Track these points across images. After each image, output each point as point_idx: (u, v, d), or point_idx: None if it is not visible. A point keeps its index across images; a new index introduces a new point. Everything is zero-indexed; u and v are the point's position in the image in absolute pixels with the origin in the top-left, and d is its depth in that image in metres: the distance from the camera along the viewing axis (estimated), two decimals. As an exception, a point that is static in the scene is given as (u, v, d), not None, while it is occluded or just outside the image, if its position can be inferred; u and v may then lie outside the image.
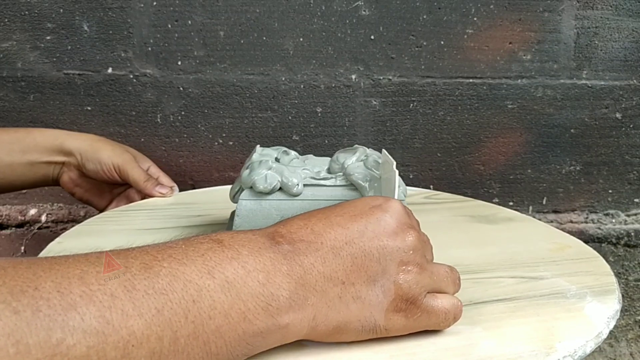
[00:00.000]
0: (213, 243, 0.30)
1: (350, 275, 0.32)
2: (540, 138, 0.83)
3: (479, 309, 0.40)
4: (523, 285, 0.44)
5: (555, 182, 0.85)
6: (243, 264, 0.29)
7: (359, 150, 0.50)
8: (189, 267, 0.28)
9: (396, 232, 0.34)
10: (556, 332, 0.36)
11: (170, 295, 0.27)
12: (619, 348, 0.89)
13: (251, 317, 0.29)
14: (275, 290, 0.29)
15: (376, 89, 0.81)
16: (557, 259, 0.50)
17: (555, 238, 0.55)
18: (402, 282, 0.33)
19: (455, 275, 0.37)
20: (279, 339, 0.30)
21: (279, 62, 0.79)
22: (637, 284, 0.88)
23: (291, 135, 0.82)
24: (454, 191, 0.82)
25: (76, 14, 0.77)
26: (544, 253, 0.51)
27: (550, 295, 0.42)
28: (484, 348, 0.34)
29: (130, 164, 0.68)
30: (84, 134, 0.70)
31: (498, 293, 0.42)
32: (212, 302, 0.28)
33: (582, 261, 0.49)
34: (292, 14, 0.78)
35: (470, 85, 0.81)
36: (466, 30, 0.79)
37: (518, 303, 0.40)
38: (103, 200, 0.73)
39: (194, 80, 0.80)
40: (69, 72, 0.79)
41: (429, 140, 0.83)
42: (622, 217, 0.87)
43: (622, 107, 0.83)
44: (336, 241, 0.32)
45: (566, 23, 0.80)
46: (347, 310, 0.32)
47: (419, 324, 0.34)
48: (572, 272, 0.47)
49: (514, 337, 0.36)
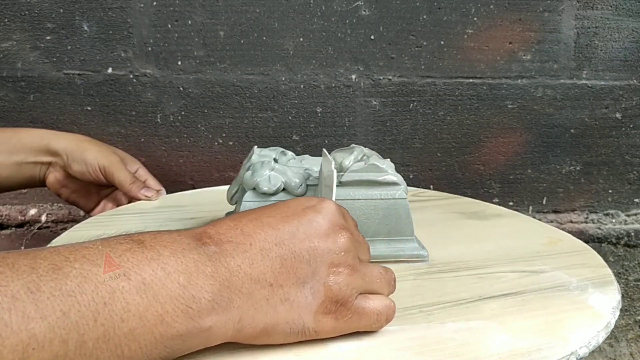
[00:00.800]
0: (133, 243, 0.29)
1: (278, 277, 0.31)
2: (540, 138, 0.83)
3: (489, 303, 0.40)
4: (525, 279, 0.45)
5: (555, 182, 0.85)
6: (163, 265, 0.29)
7: (356, 150, 0.51)
8: (102, 268, 0.27)
9: (328, 233, 0.33)
10: (567, 324, 0.37)
11: (79, 297, 0.26)
12: (619, 348, 0.89)
13: (169, 320, 0.28)
14: (196, 292, 0.29)
15: (376, 89, 0.81)
16: (552, 253, 0.51)
17: (545, 232, 0.57)
18: (332, 284, 0.32)
19: (391, 276, 0.36)
20: (202, 342, 0.30)
21: (279, 62, 0.79)
22: (637, 284, 0.88)
23: (291, 135, 0.82)
24: (453, 191, 0.82)
25: (76, 14, 0.77)
26: (538, 247, 0.52)
27: (553, 288, 0.43)
28: (502, 342, 0.35)
29: (116, 166, 0.67)
30: (71, 134, 0.69)
31: (503, 288, 0.43)
32: (125, 304, 0.27)
33: (576, 254, 0.50)
34: (292, 14, 0.78)
35: (470, 85, 0.81)
36: (466, 30, 0.79)
37: (525, 297, 0.41)
38: (90, 202, 0.72)
39: (194, 80, 0.80)
40: (69, 72, 0.79)
41: (429, 140, 0.83)
42: (622, 217, 0.87)
43: (622, 107, 0.83)
44: (266, 242, 0.32)
45: (566, 23, 0.80)
46: (274, 312, 0.31)
47: (349, 326, 0.34)
48: (569, 265, 0.48)
49: (528, 330, 0.36)
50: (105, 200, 0.73)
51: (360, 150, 0.51)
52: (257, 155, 0.51)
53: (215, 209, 0.59)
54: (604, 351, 0.89)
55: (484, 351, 0.34)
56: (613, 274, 0.46)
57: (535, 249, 0.52)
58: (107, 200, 0.73)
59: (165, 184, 0.82)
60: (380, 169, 0.50)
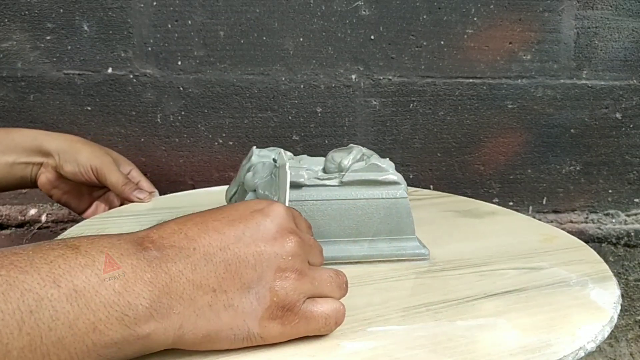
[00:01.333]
0: (67, 249, 0.28)
1: (222, 282, 0.31)
2: (540, 138, 0.83)
3: (494, 301, 0.41)
4: (526, 276, 0.45)
5: (555, 182, 0.85)
6: (97, 271, 0.28)
7: (354, 150, 0.51)
8: (30, 275, 0.26)
9: (275, 237, 0.32)
10: (572, 319, 0.37)
11: (2, 305, 0.25)
12: (619, 348, 0.89)
13: (102, 328, 0.27)
14: (133, 299, 0.28)
15: (376, 89, 0.81)
16: (549, 250, 0.51)
17: (540, 229, 0.57)
18: (279, 289, 0.32)
19: (342, 280, 0.36)
20: (140, 349, 0.29)
21: (279, 62, 0.79)
22: (637, 284, 0.88)
23: (291, 135, 0.82)
24: (453, 191, 0.82)
25: (76, 14, 0.77)
26: (534, 244, 0.53)
27: (555, 284, 0.43)
28: (512, 338, 0.35)
29: (109, 167, 0.66)
30: (63, 135, 0.68)
31: (506, 285, 0.43)
32: (54, 312, 0.26)
33: (572, 250, 0.51)
34: (292, 14, 0.78)
35: (470, 85, 0.81)
36: (466, 30, 0.79)
37: (528, 293, 0.42)
38: (82, 203, 0.71)
39: (194, 80, 0.80)
40: (69, 72, 0.79)
41: (429, 140, 0.83)
42: (622, 217, 0.87)
43: (622, 107, 0.83)
44: (210, 247, 0.31)
45: (566, 23, 0.80)
46: (217, 318, 0.30)
47: (297, 331, 0.33)
48: (567, 261, 0.48)
49: (536, 326, 0.37)
50: (97, 201, 0.72)
51: (359, 150, 0.51)
52: (257, 156, 0.51)
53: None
54: (604, 351, 0.89)
55: (495, 348, 0.34)
56: (613, 273, 0.46)
57: (533, 246, 0.52)
58: (99, 202, 0.72)
59: (165, 184, 0.82)
60: (381, 168, 0.50)
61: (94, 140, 0.76)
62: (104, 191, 0.72)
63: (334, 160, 0.50)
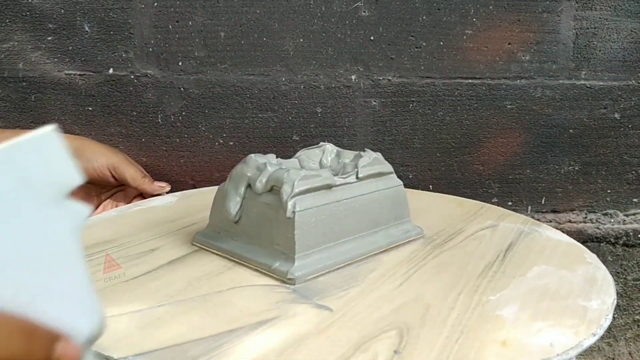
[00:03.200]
0: None
1: None
2: (539, 138, 0.83)
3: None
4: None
5: (554, 182, 0.85)
6: None
7: (327, 147, 0.55)
8: None
9: None
10: None
11: None
12: (617, 347, 0.89)
13: None
14: None
15: (376, 90, 0.81)
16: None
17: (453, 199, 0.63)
18: None
19: None
20: None
21: (279, 62, 0.80)
22: (636, 284, 0.89)
23: (291, 135, 0.82)
24: (453, 191, 0.83)
25: (77, 14, 0.77)
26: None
27: None
28: None
29: (125, 163, 0.68)
30: (73, 135, 0.70)
31: (501, 244, 0.45)
32: None
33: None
34: (292, 15, 0.78)
35: (470, 85, 0.81)
36: (465, 31, 0.80)
37: None
38: (90, 204, 0.72)
39: (194, 80, 0.80)
40: (70, 73, 0.79)
41: (429, 140, 0.83)
42: (620, 217, 0.87)
43: (621, 107, 0.83)
44: None
45: (565, 24, 0.80)
46: None
47: None
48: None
49: None
50: (105, 202, 0.73)
51: (332, 147, 0.54)
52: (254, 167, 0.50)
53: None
54: (603, 350, 0.89)
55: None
56: (612, 273, 0.46)
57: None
58: (107, 202, 0.73)
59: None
60: (381, 161, 0.53)
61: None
62: (112, 192, 0.73)
63: (311, 159, 0.52)
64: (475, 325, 0.37)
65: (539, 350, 0.34)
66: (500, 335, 0.36)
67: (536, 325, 0.38)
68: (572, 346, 0.35)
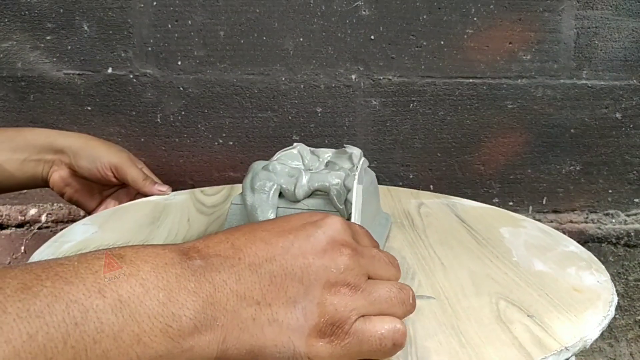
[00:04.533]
0: (111, 258, 0.27)
1: (267, 295, 0.29)
2: (540, 138, 0.83)
3: None
4: None
5: (555, 182, 0.85)
6: (142, 281, 0.27)
7: (298, 146, 0.52)
8: (75, 286, 0.25)
9: (325, 249, 0.30)
10: None
11: (48, 318, 0.24)
12: (618, 348, 0.89)
13: (147, 340, 0.26)
14: (177, 309, 0.27)
15: (376, 89, 0.81)
16: None
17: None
18: (328, 305, 0.29)
19: (405, 295, 0.32)
20: None
21: (279, 62, 0.79)
22: (637, 284, 0.88)
23: (291, 135, 0.82)
24: (454, 191, 0.82)
25: (76, 13, 0.77)
26: None
27: None
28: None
29: (128, 163, 0.67)
30: (76, 133, 0.69)
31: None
32: (99, 324, 0.25)
33: None
34: (292, 14, 0.78)
35: (470, 85, 0.81)
36: (466, 30, 0.79)
37: None
38: (93, 202, 0.72)
39: (194, 80, 0.80)
40: (69, 72, 0.79)
41: (429, 140, 0.83)
42: (622, 217, 0.87)
43: (622, 107, 0.83)
44: (256, 257, 0.29)
45: (566, 23, 0.80)
46: (261, 333, 0.29)
47: (348, 352, 0.30)
48: None
49: None
50: (107, 200, 0.73)
51: (304, 147, 0.52)
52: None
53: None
54: (604, 351, 0.89)
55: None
56: (613, 274, 0.46)
57: None
58: (108, 201, 0.73)
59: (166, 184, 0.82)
60: (350, 152, 0.50)
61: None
62: (114, 190, 0.73)
63: (320, 158, 0.52)
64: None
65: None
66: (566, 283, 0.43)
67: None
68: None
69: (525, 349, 0.34)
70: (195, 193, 0.70)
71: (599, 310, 0.38)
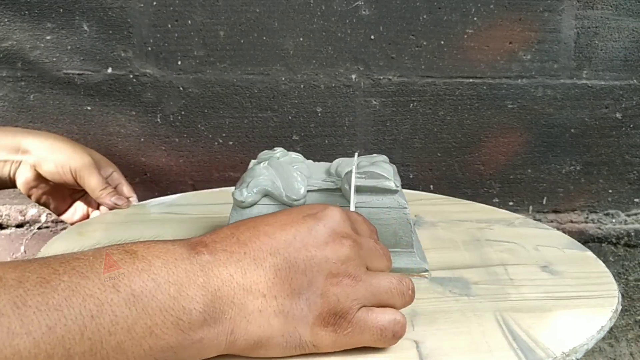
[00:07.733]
0: (125, 254, 0.29)
1: (272, 287, 0.30)
2: (540, 138, 0.83)
3: None
4: None
5: (555, 182, 0.85)
6: (154, 276, 0.28)
7: (280, 151, 0.51)
8: (91, 280, 0.27)
9: (327, 241, 0.32)
10: None
11: (66, 311, 0.26)
12: (619, 348, 0.89)
13: (159, 332, 0.28)
14: (187, 303, 0.28)
15: (376, 89, 0.81)
16: None
17: None
18: (331, 295, 0.31)
19: (405, 287, 0.34)
20: (195, 354, 0.29)
21: (279, 62, 0.79)
22: (637, 284, 0.88)
23: (291, 135, 0.82)
24: (454, 191, 0.82)
25: (76, 13, 0.77)
26: None
27: None
28: None
29: (89, 169, 0.63)
30: (45, 133, 0.66)
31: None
32: (114, 317, 0.27)
33: None
34: (292, 14, 0.78)
35: (471, 85, 0.81)
36: (466, 30, 0.79)
37: None
38: (62, 204, 0.69)
39: (193, 80, 0.80)
40: (68, 72, 0.79)
41: (429, 140, 0.83)
42: (622, 217, 0.87)
43: (622, 107, 0.83)
44: (260, 251, 0.31)
45: (566, 23, 0.80)
46: (268, 324, 0.30)
47: (350, 340, 0.32)
48: None
49: None
50: (77, 203, 0.70)
51: (283, 150, 0.52)
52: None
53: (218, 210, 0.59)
54: (604, 351, 0.89)
55: None
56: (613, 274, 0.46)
57: None
58: (79, 203, 0.70)
59: (165, 184, 0.82)
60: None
61: (94, 141, 0.76)
62: (82, 194, 0.70)
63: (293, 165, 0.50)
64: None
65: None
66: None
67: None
68: None
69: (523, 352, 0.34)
70: None
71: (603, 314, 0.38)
